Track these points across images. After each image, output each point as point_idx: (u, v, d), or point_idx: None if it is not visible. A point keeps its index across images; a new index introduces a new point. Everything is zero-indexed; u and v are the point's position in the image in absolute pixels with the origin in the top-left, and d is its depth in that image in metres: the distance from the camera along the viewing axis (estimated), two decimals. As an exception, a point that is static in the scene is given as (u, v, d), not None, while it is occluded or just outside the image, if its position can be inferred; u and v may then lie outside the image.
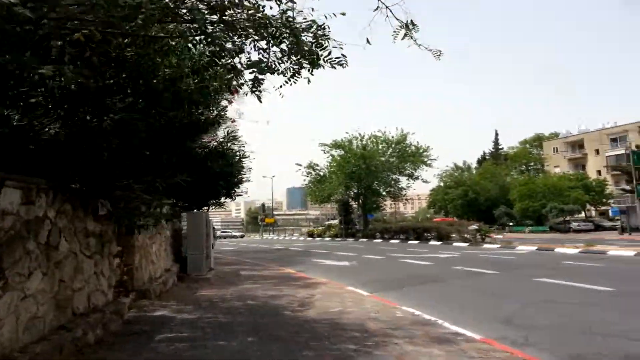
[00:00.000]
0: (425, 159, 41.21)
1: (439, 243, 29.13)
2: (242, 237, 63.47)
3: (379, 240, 35.22)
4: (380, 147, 41.98)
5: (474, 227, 27.74)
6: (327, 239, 43.75)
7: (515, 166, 73.93)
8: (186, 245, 11.59)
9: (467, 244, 26.55)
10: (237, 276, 12.49)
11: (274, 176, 74.92)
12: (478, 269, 13.79)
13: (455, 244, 27.64)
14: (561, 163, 68.79)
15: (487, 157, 77.79)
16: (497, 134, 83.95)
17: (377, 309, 7.64)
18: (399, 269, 14.94)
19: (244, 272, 13.82)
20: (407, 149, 41.37)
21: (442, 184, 66.25)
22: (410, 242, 31.94)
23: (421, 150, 41.20)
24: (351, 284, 11.19)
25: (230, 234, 68.29)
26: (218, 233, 18.28)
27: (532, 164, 75.11)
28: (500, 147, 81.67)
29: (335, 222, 47.94)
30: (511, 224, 53.47)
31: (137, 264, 8.14)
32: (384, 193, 43.16)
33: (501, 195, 59.67)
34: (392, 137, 41.82)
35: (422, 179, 42.23)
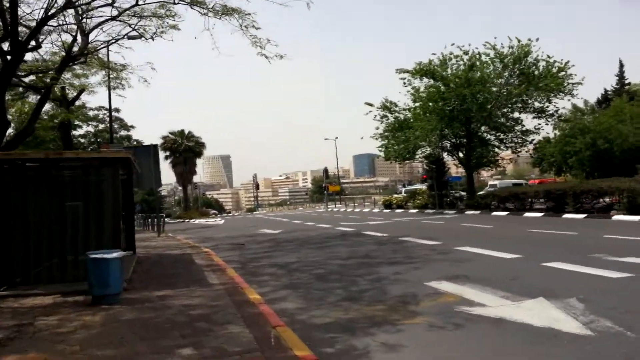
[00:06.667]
0: (564, 82, 25.50)
1: (627, 218, 16.01)
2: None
3: (502, 213, 22.52)
4: (491, 67, 26.08)
5: None
6: (413, 210, 31.54)
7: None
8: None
9: None
10: None
11: (337, 137, 63.10)
12: None
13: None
14: None
15: (609, 96, 59.80)
16: (621, 65, 63.95)
17: None
18: None
19: None
20: (534, 67, 25.58)
21: (555, 132, 50.37)
22: (566, 215, 19.01)
23: (556, 69, 25.32)
24: None
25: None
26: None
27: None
28: (626, 81, 62.88)
29: (423, 187, 35.34)
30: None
31: None
32: (496, 142, 28.88)
33: (642, 144, 43.35)
34: (509, 49, 25.68)
35: (558, 116, 27.59)
